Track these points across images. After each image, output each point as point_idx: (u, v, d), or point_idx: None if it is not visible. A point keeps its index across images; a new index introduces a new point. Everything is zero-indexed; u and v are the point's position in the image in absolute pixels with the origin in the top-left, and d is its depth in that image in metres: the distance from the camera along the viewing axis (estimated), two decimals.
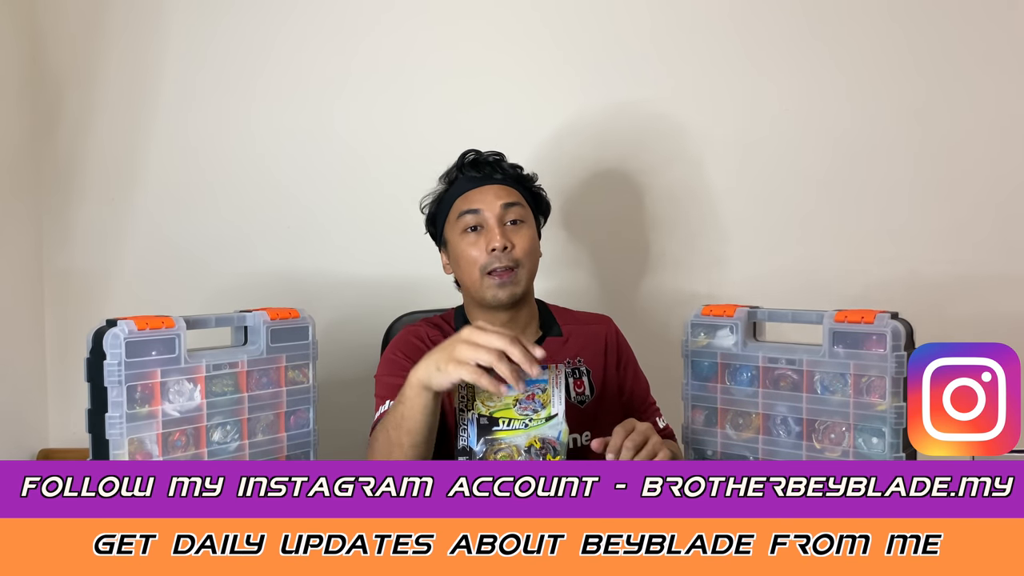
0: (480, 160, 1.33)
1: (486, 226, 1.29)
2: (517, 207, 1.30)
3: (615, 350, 1.40)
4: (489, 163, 1.32)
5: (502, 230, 1.28)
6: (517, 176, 1.34)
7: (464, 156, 1.35)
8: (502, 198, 1.30)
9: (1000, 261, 1.80)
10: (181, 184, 1.82)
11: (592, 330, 1.40)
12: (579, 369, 1.34)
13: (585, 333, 1.39)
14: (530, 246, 1.30)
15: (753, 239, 1.82)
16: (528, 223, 1.32)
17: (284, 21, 1.81)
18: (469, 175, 1.32)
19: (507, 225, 1.29)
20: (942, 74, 1.79)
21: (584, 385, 1.33)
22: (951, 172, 1.80)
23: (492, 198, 1.29)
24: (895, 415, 1.04)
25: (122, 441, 1.03)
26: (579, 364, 1.35)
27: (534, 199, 1.37)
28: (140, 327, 1.04)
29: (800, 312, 1.14)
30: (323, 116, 1.81)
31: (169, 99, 1.81)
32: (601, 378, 1.35)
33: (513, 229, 1.29)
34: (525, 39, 1.81)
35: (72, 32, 1.79)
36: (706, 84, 1.81)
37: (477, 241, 1.29)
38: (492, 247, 1.27)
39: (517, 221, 1.30)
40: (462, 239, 1.31)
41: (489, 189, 1.31)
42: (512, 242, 1.28)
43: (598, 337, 1.39)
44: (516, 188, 1.33)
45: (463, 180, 1.33)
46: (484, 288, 1.29)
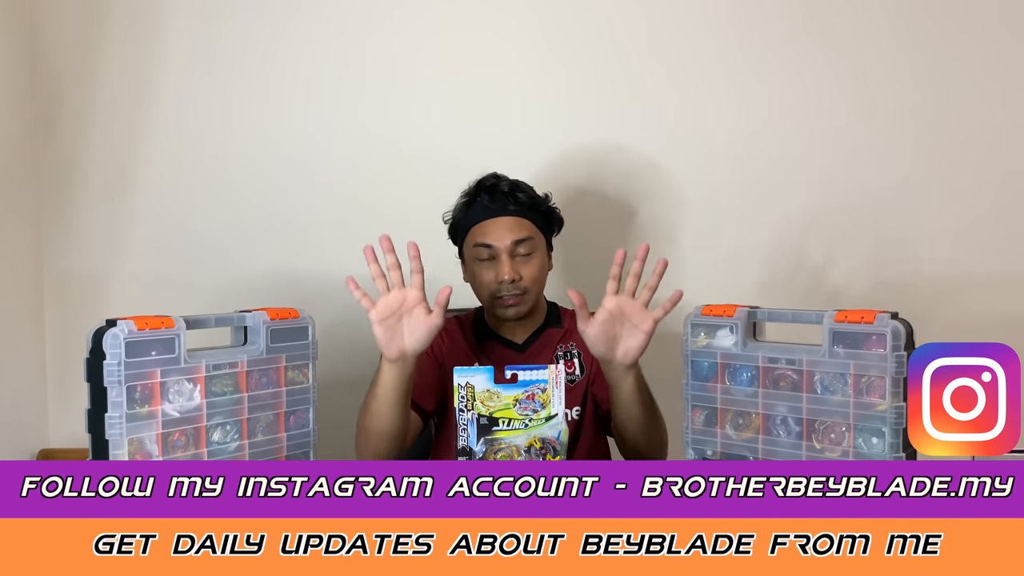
0: (496, 189, 1.41)
1: (498, 258, 1.38)
2: (527, 242, 1.39)
3: None
4: (503, 194, 1.40)
5: (512, 264, 1.38)
6: (531, 204, 1.42)
7: (482, 182, 1.43)
8: (514, 233, 1.38)
9: (1000, 261, 1.79)
10: (181, 184, 1.82)
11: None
12: (570, 352, 1.45)
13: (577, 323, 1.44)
14: (537, 274, 1.41)
15: (752, 239, 1.82)
16: (537, 251, 1.41)
17: (287, 22, 1.81)
18: (485, 202, 1.40)
19: (517, 259, 1.39)
20: (941, 73, 1.79)
21: (574, 366, 1.44)
22: (951, 172, 1.80)
23: (504, 232, 1.38)
24: (895, 415, 1.04)
25: (122, 441, 1.03)
26: (571, 348, 1.46)
27: (546, 219, 1.45)
28: (140, 327, 1.04)
29: (800, 312, 1.14)
30: (323, 116, 1.81)
31: (169, 99, 1.81)
32: (591, 359, 1.42)
33: (523, 261, 1.39)
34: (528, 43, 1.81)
35: (72, 32, 1.80)
36: (705, 84, 1.81)
37: (489, 269, 1.40)
38: (501, 280, 1.37)
39: (527, 253, 1.39)
40: (477, 264, 1.41)
41: (503, 223, 1.39)
42: (521, 274, 1.38)
43: None
44: (529, 217, 1.41)
45: (479, 207, 1.41)
46: (495, 308, 1.41)
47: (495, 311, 1.42)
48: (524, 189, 1.43)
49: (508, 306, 1.39)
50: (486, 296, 1.42)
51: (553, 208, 1.47)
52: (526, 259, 1.40)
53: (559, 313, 1.51)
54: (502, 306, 1.40)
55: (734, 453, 1.18)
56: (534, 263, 1.41)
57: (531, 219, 1.41)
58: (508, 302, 1.39)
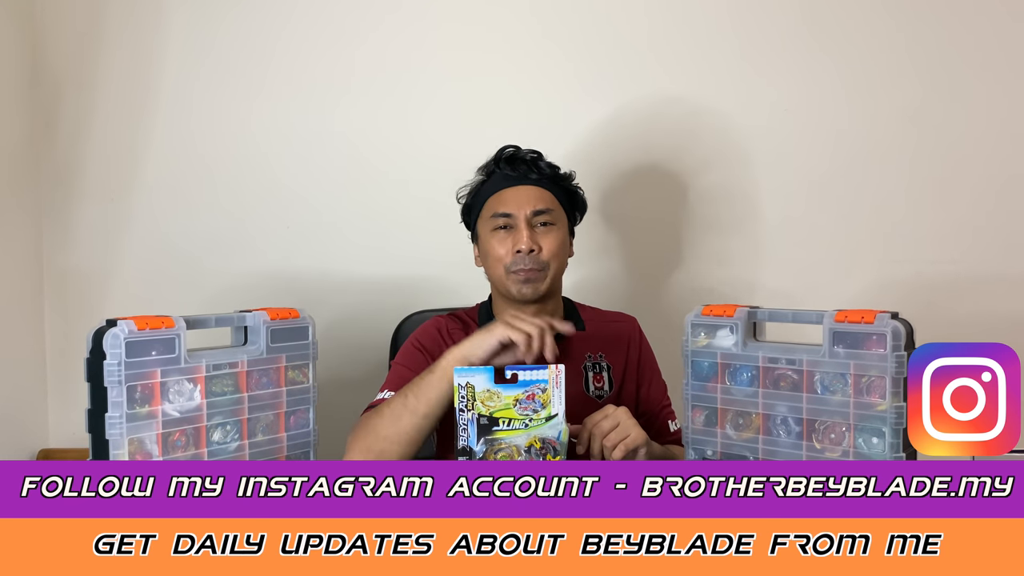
0: (517, 157, 1.32)
1: (516, 227, 1.29)
2: (548, 213, 1.30)
3: (637, 350, 1.41)
4: (525, 162, 1.31)
5: (531, 233, 1.28)
6: (553, 176, 1.33)
7: (502, 151, 1.34)
8: (534, 203, 1.30)
9: (1000, 261, 1.80)
10: (181, 184, 1.82)
11: (615, 328, 1.42)
12: (599, 364, 1.36)
13: (608, 330, 1.41)
14: (558, 248, 1.31)
15: (752, 239, 1.82)
16: (559, 225, 1.32)
17: (286, 21, 1.81)
18: (505, 172, 1.32)
19: (536, 228, 1.30)
20: (941, 74, 1.79)
21: (603, 380, 1.34)
22: (951, 172, 1.80)
23: (525, 201, 1.30)
24: (895, 415, 1.04)
25: (122, 441, 1.03)
26: (600, 359, 1.37)
27: (569, 198, 1.36)
28: (140, 327, 1.04)
29: (800, 312, 1.13)
30: (324, 116, 1.81)
31: (169, 99, 1.81)
32: (621, 375, 1.37)
33: (543, 231, 1.30)
34: (528, 39, 1.81)
35: (72, 32, 1.80)
36: (706, 84, 1.81)
37: (505, 239, 1.30)
38: (518, 248, 1.28)
39: (547, 223, 1.30)
40: (492, 236, 1.32)
41: (523, 190, 1.31)
42: (540, 245, 1.29)
43: (621, 335, 1.41)
44: (551, 189, 1.33)
45: (499, 177, 1.33)
46: (509, 284, 1.31)
47: (510, 289, 1.31)
48: (547, 160, 1.34)
49: (524, 280, 1.29)
50: (500, 271, 1.31)
51: (578, 188, 1.38)
52: (547, 231, 1.30)
53: (578, 312, 1.42)
54: (517, 280, 1.29)
55: (734, 453, 1.17)
56: (554, 237, 1.30)
57: (554, 192, 1.33)
58: (525, 275, 1.28)
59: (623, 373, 1.38)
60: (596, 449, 1.14)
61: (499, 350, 1.12)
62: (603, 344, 1.38)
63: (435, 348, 1.32)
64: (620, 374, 1.37)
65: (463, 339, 1.31)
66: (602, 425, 1.14)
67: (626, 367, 1.39)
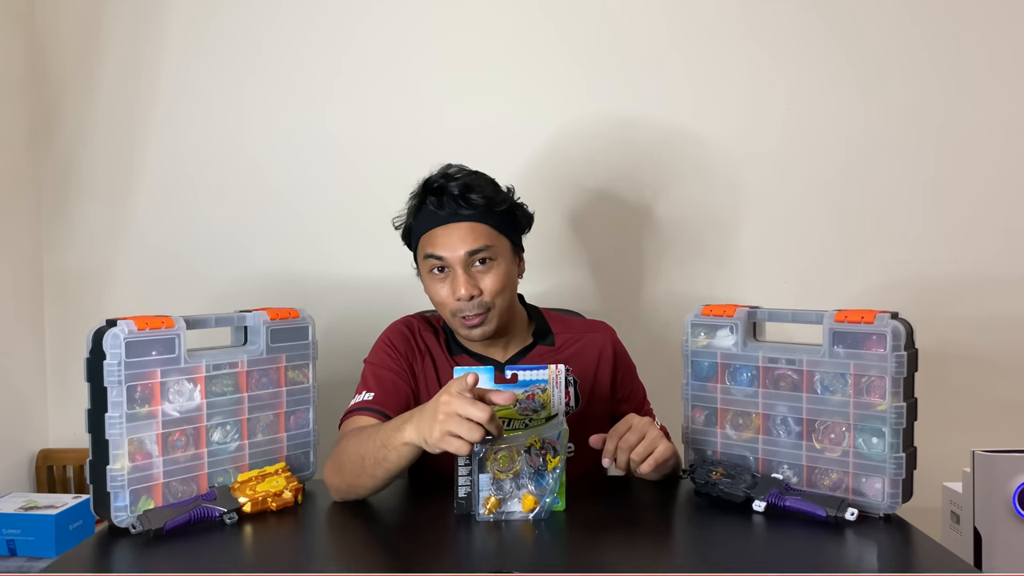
0: (445, 192, 1.22)
1: (452, 271, 1.22)
2: (484, 251, 1.22)
3: (610, 359, 1.36)
4: (453, 197, 1.21)
5: (468, 277, 1.21)
6: (487, 205, 1.22)
7: (429, 182, 1.25)
8: (468, 243, 1.21)
9: (1001, 261, 1.79)
10: (181, 184, 1.82)
11: (588, 339, 1.36)
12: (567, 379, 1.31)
13: (579, 342, 1.36)
14: (501, 286, 1.23)
15: (753, 239, 1.82)
16: (499, 258, 1.24)
17: (286, 23, 1.80)
18: (432, 207, 1.23)
19: (475, 267, 1.22)
20: (941, 75, 1.79)
21: (570, 396, 1.23)
22: (952, 172, 1.80)
23: (458, 242, 1.21)
24: (895, 415, 1.04)
25: (122, 441, 1.03)
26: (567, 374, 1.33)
27: (508, 221, 1.27)
28: (140, 327, 1.04)
29: (800, 312, 1.13)
30: (324, 117, 1.81)
31: (169, 99, 1.81)
32: (589, 389, 1.33)
33: (482, 271, 1.22)
34: (521, 40, 1.81)
35: (72, 32, 1.79)
36: (709, 84, 1.80)
37: (444, 283, 1.23)
38: (458, 296, 1.21)
39: (486, 260, 1.22)
40: (430, 278, 1.25)
41: (454, 230, 1.21)
42: (479, 288, 1.22)
43: (592, 346, 1.36)
44: (486, 221, 1.23)
45: (427, 213, 1.24)
46: (457, 326, 1.26)
47: (458, 331, 1.26)
48: (478, 188, 1.23)
49: (472, 326, 1.23)
50: (445, 313, 1.26)
51: (516, 204, 1.29)
52: (486, 269, 1.22)
53: (547, 325, 1.36)
54: (464, 326, 1.23)
55: (734, 453, 1.18)
56: (495, 274, 1.22)
57: (489, 223, 1.23)
58: (470, 321, 1.22)
59: (592, 386, 1.34)
60: (623, 462, 1.12)
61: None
62: (571, 357, 1.32)
63: (404, 346, 1.29)
64: (589, 388, 1.32)
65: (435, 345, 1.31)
66: (628, 438, 1.12)
67: (596, 379, 1.34)
